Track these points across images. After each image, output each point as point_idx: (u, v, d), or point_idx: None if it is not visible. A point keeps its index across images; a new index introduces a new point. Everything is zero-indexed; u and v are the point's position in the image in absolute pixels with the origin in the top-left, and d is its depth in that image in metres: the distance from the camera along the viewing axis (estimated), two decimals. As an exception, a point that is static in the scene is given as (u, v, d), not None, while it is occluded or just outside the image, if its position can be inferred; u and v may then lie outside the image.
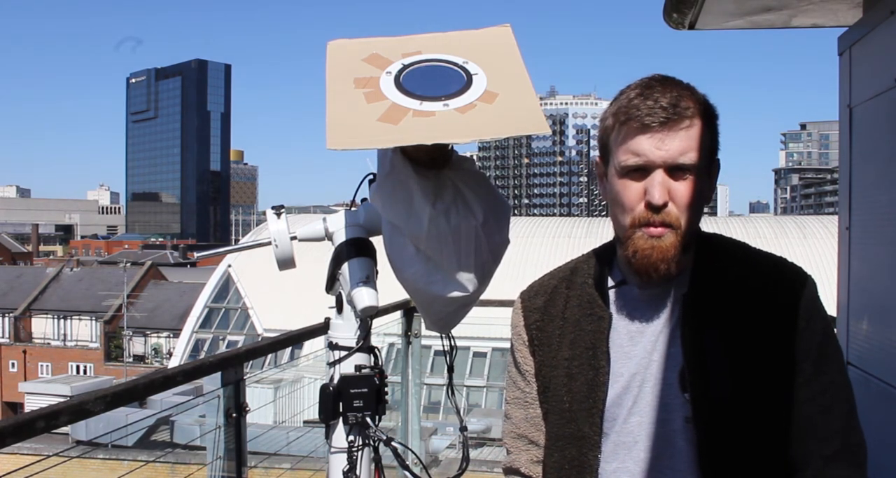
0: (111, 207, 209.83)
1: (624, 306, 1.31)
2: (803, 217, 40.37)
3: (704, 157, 1.23)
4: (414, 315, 4.22)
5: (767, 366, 1.23)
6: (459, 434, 1.50)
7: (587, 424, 1.28)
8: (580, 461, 1.29)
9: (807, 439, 1.23)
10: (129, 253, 66.53)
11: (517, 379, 1.41)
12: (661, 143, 1.19)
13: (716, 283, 1.27)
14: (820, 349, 1.24)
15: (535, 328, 1.38)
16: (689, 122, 1.20)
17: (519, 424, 1.41)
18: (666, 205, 1.20)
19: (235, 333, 27.30)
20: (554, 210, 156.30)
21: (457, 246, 1.26)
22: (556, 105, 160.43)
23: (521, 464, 1.41)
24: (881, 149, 2.22)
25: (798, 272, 1.30)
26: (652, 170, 1.20)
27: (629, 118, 1.21)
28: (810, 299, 1.26)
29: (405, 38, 1.33)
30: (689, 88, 1.24)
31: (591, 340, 1.30)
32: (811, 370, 1.23)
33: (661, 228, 1.21)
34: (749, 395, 1.21)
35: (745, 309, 1.25)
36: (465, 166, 1.32)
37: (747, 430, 1.21)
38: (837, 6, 2.56)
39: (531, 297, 1.42)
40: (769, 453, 1.22)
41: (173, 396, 6.81)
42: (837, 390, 1.25)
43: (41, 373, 38.10)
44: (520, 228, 26.08)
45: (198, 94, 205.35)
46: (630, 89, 1.24)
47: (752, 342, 1.23)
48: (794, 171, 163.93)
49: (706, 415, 1.21)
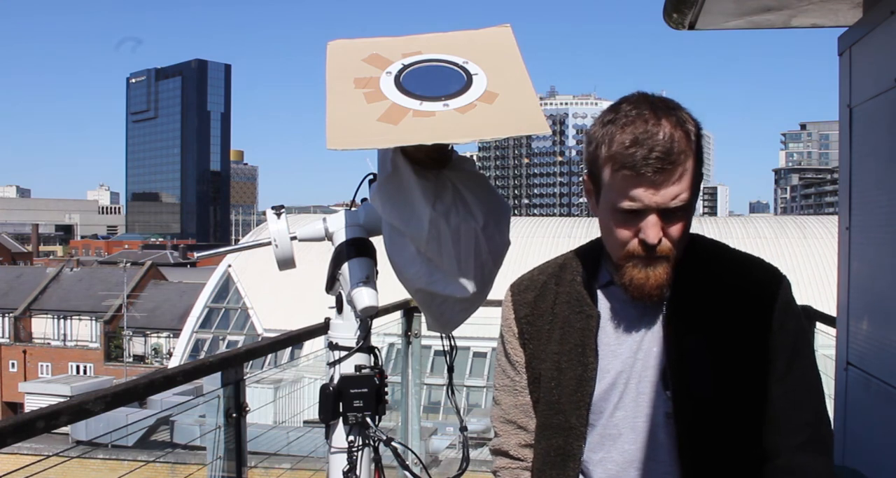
0: (111, 207, 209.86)
1: (611, 306, 1.36)
2: (803, 217, 40.37)
3: (695, 189, 1.26)
4: (414, 315, 4.22)
5: (745, 364, 1.29)
6: (459, 434, 1.51)
7: (574, 415, 1.34)
8: (565, 450, 1.35)
9: (779, 430, 1.30)
10: (129, 253, 66.52)
11: (507, 368, 1.46)
12: (654, 190, 1.22)
13: (697, 285, 1.32)
14: (793, 347, 1.31)
15: (526, 322, 1.42)
16: (681, 167, 1.22)
17: (508, 409, 1.46)
18: (660, 242, 1.25)
19: (235, 333, 27.29)
20: (554, 210, 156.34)
21: (457, 248, 1.27)
22: (556, 105, 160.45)
23: (510, 447, 1.46)
24: (881, 149, 2.21)
25: (774, 273, 1.36)
26: (646, 213, 1.23)
27: (623, 166, 1.22)
28: (785, 299, 1.32)
29: (405, 39, 1.33)
30: (680, 119, 1.23)
31: (579, 337, 1.35)
32: (783, 368, 1.30)
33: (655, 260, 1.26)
34: (727, 392, 1.28)
35: (725, 309, 1.31)
36: (465, 167, 1.33)
37: (724, 424, 1.28)
38: (837, 6, 2.56)
39: (521, 291, 1.45)
40: (744, 445, 1.30)
41: (173, 396, 6.80)
42: (808, 384, 1.33)
43: (41, 373, 38.09)
44: (520, 228, 26.07)
45: (198, 94, 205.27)
46: (621, 126, 1.22)
47: (731, 341, 1.30)
48: (794, 171, 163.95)
49: (686, 411, 1.28)
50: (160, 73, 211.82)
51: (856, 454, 2.32)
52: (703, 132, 1.30)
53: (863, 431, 2.32)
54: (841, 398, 2.46)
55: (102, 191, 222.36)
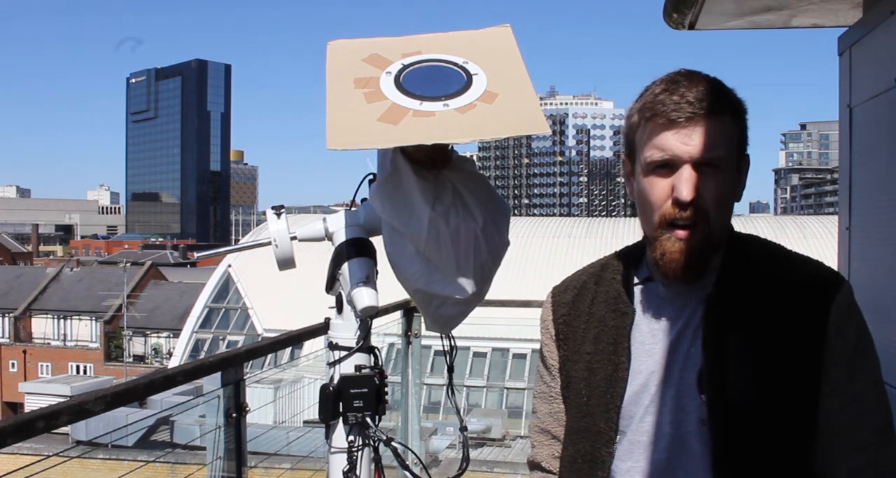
0: (111, 207, 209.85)
1: (649, 304, 1.29)
2: (803, 217, 40.35)
3: (732, 152, 1.21)
4: (414, 315, 4.21)
5: (791, 371, 1.18)
6: (459, 434, 1.50)
7: (603, 419, 1.27)
8: (593, 456, 1.28)
9: (835, 450, 1.19)
10: (129, 253, 66.52)
11: (543, 374, 1.41)
12: (687, 138, 1.17)
13: (742, 283, 1.24)
14: (852, 358, 1.20)
15: (563, 323, 1.38)
16: (716, 116, 1.18)
17: (543, 418, 1.41)
18: (694, 201, 1.17)
19: (235, 333, 27.31)
20: (554, 210, 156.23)
21: (456, 248, 1.26)
22: (556, 105, 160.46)
23: (543, 458, 1.41)
24: (881, 149, 2.22)
25: (832, 276, 1.25)
26: (679, 166, 1.18)
27: (655, 114, 1.19)
28: (844, 305, 1.21)
29: (405, 39, 1.33)
30: (717, 83, 1.22)
31: (613, 336, 1.29)
32: (841, 379, 1.18)
33: (689, 230, 1.19)
34: (769, 400, 1.18)
35: (772, 311, 1.21)
36: (465, 167, 1.32)
37: (765, 435, 1.18)
38: (837, 6, 2.57)
39: (561, 292, 1.41)
40: (789, 462, 1.19)
41: (173, 396, 6.78)
42: (871, 399, 1.20)
43: (41, 373, 38.10)
44: (520, 228, 26.07)
45: (198, 95, 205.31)
46: (655, 85, 1.22)
47: (776, 346, 1.19)
48: (794, 171, 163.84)
49: (721, 418, 1.18)
50: (160, 73, 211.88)
51: (856, 454, 2.32)
52: (746, 113, 1.25)
53: None
54: (841, 398, 2.46)
55: (102, 191, 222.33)
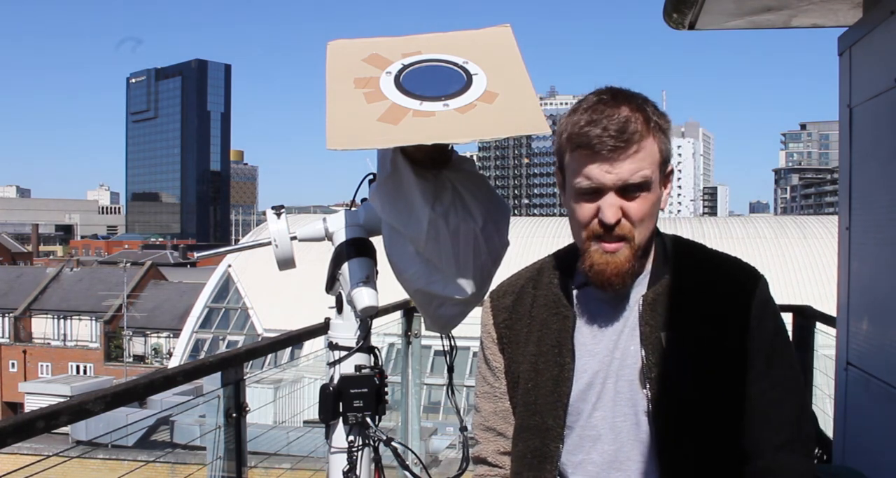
0: (111, 207, 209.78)
1: (587, 306, 1.37)
2: (803, 217, 40.35)
3: (656, 169, 1.28)
4: (414, 315, 4.21)
5: (722, 362, 1.29)
6: (459, 434, 1.50)
7: (551, 416, 1.34)
8: (542, 451, 1.35)
9: (759, 430, 1.30)
10: (129, 253, 66.49)
11: (487, 375, 1.46)
12: (610, 167, 1.23)
13: (673, 283, 1.33)
14: (771, 346, 1.31)
15: (504, 326, 1.43)
16: (636, 145, 1.24)
17: (488, 417, 1.46)
18: (619, 222, 1.25)
19: (235, 333, 27.30)
20: (554, 210, 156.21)
21: (455, 248, 1.27)
22: (556, 105, 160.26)
23: (488, 454, 1.46)
24: (881, 149, 2.22)
25: (751, 272, 1.36)
26: (605, 192, 1.25)
27: (579, 145, 1.25)
28: (762, 298, 1.32)
29: (405, 39, 1.33)
30: (639, 104, 1.27)
31: (556, 338, 1.36)
32: (762, 366, 1.30)
33: (616, 244, 1.27)
34: (704, 390, 1.28)
35: (701, 308, 1.32)
36: (464, 168, 1.33)
37: (703, 423, 1.28)
38: (837, 6, 2.57)
39: (500, 296, 1.46)
40: (724, 444, 1.29)
41: (173, 396, 6.80)
42: (788, 383, 1.32)
43: (41, 373, 38.09)
44: (520, 228, 26.08)
45: (198, 95, 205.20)
46: (580, 111, 1.28)
47: (707, 340, 1.29)
48: (794, 171, 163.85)
49: (664, 409, 1.28)
50: (160, 73, 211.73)
51: (856, 454, 2.33)
52: (670, 126, 1.31)
53: (863, 431, 2.33)
54: (841, 398, 2.46)
55: (102, 191, 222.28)
